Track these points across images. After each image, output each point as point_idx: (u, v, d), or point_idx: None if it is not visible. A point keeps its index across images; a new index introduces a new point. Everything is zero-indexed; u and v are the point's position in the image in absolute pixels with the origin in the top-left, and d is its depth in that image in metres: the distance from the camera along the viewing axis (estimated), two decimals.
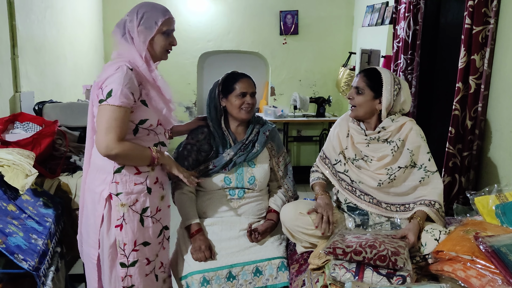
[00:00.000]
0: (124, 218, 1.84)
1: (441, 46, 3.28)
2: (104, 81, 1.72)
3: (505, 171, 2.24)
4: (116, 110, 1.70)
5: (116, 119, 1.70)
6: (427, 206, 1.93)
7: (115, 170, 1.82)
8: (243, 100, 2.20)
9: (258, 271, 2.06)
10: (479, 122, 2.34)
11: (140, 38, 1.79)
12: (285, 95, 5.45)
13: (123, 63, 1.74)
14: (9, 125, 2.65)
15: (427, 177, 1.99)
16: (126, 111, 1.73)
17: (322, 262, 1.76)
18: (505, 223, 1.73)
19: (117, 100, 1.69)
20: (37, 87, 3.28)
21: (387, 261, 1.57)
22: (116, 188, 1.82)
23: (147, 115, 1.82)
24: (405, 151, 2.01)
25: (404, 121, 2.04)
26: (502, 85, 2.27)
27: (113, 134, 1.69)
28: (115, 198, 1.83)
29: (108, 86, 1.70)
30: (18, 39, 2.99)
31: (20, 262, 1.73)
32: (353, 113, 2.10)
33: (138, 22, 1.78)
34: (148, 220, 1.91)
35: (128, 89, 1.71)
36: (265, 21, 5.27)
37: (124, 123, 1.73)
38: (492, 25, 2.25)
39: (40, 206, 2.25)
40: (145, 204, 1.89)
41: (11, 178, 2.08)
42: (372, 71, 2.09)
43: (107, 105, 1.70)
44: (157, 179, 1.93)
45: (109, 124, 1.69)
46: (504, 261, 1.44)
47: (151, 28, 1.79)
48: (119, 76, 1.70)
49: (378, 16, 4.30)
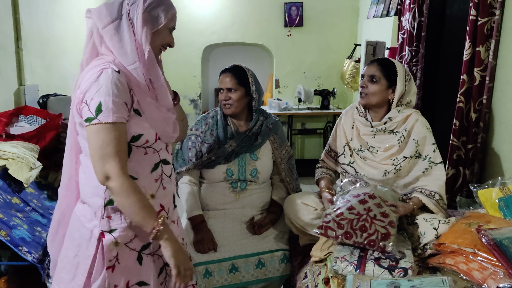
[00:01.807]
0: (118, 258, 1.48)
1: (446, 38, 3.25)
2: (86, 92, 1.35)
3: (510, 163, 2.23)
4: (111, 129, 1.34)
5: (113, 140, 1.34)
6: (426, 196, 1.95)
7: (106, 202, 1.44)
8: (221, 95, 2.23)
9: (261, 263, 2.07)
10: (484, 115, 2.33)
11: (143, 27, 1.40)
12: (289, 88, 5.43)
13: (106, 65, 1.37)
14: (13, 118, 2.67)
15: (430, 168, 2.00)
16: (123, 126, 1.38)
17: (324, 254, 1.76)
18: (508, 216, 1.72)
19: (111, 115, 1.33)
20: (42, 80, 3.29)
21: (376, 246, 1.65)
22: (108, 224, 1.45)
23: (140, 129, 1.43)
24: (411, 141, 2.02)
25: (410, 112, 2.06)
26: (507, 77, 2.25)
27: (114, 161, 1.34)
28: (108, 236, 1.45)
29: (95, 98, 1.33)
30: (22, 32, 3.00)
31: (24, 254, 1.75)
32: (364, 100, 2.08)
33: (146, 6, 1.40)
34: (148, 259, 1.54)
35: (121, 98, 1.36)
36: (270, 13, 5.24)
37: (123, 142, 1.38)
38: (497, 16, 2.23)
39: (45, 198, 2.27)
40: (146, 240, 1.51)
41: (16, 171, 2.10)
42: (386, 61, 2.10)
43: (99, 124, 1.33)
44: (161, 206, 1.55)
45: (105, 149, 1.34)
46: (506, 253, 1.44)
47: (159, 18, 1.43)
48: (105, 84, 1.33)
49: (383, 8, 4.26)
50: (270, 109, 5.11)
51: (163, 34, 1.47)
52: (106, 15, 1.40)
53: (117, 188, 1.35)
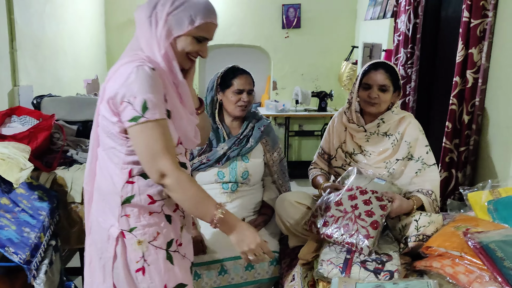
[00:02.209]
0: (145, 259, 1.43)
1: (442, 40, 3.24)
2: (126, 90, 1.31)
3: (502, 166, 2.21)
4: (158, 125, 1.32)
5: (162, 136, 1.33)
6: (424, 195, 1.93)
7: (123, 200, 1.41)
8: (239, 97, 2.19)
9: (250, 265, 2.06)
10: (477, 117, 2.31)
11: (164, 28, 1.36)
12: (287, 89, 5.43)
13: (141, 62, 1.33)
14: (6, 119, 2.66)
15: (423, 169, 1.99)
16: (167, 122, 1.37)
17: (312, 257, 1.75)
18: (497, 219, 1.71)
19: (157, 111, 1.32)
20: (36, 81, 3.29)
21: (354, 248, 1.65)
22: (127, 223, 1.42)
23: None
24: (403, 144, 2.02)
25: (403, 115, 2.06)
26: (500, 79, 2.24)
27: (166, 157, 1.32)
28: (129, 235, 1.42)
29: (138, 96, 1.30)
30: (17, 33, 3.00)
31: (10, 255, 1.74)
32: (375, 109, 2.04)
33: (172, 8, 1.36)
34: (178, 256, 1.50)
35: (160, 94, 1.35)
36: (268, 15, 5.25)
37: (171, 138, 1.38)
38: (490, 18, 2.21)
39: (35, 199, 2.26)
40: (169, 235, 1.48)
41: (5, 172, 2.09)
42: (389, 66, 2.07)
43: (148, 122, 1.30)
44: (176, 206, 1.52)
45: (155, 146, 1.32)
46: (492, 257, 1.42)
47: (182, 24, 1.36)
48: (146, 81, 1.30)
49: (380, 9, 4.26)
50: (267, 110, 5.11)
51: (186, 41, 1.39)
52: (143, 10, 1.39)
53: (174, 184, 1.34)
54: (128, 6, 4.88)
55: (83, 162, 2.69)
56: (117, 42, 5.05)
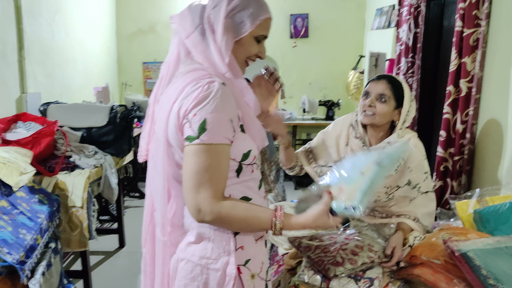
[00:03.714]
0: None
1: (443, 50, 3.24)
2: (189, 106, 1.14)
3: (496, 176, 2.20)
4: (214, 151, 1.14)
5: (214, 165, 1.14)
6: (412, 221, 1.87)
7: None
8: None
9: None
10: (471, 126, 2.30)
11: (225, 34, 1.18)
12: (295, 98, 5.46)
13: (208, 76, 1.17)
14: (12, 125, 2.75)
15: (417, 198, 1.90)
16: (227, 149, 1.17)
17: (296, 262, 1.77)
18: (482, 228, 1.70)
19: (217, 134, 1.13)
20: (45, 88, 3.39)
21: (321, 268, 1.59)
22: (243, 256, 1.24)
23: (248, 144, 1.24)
24: (406, 170, 1.88)
25: (409, 137, 1.90)
26: (493, 88, 2.23)
27: (208, 190, 1.14)
28: (245, 270, 1.23)
29: (198, 115, 1.12)
30: (25, 41, 3.11)
31: (4, 255, 1.80)
32: (369, 120, 1.88)
33: (229, 10, 1.19)
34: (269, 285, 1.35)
35: (228, 115, 1.16)
36: (276, 24, 5.27)
37: (225, 168, 1.17)
38: (483, 27, 2.21)
39: (35, 202, 2.33)
40: (267, 264, 1.33)
41: (5, 175, 2.17)
42: (394, 79, 1.91)
43: (202, 145, 1.13)
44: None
45: (203, 174, 1.13)
46: (469, 265, 1.43)
47: (243, 24, 1.20)
48: (213, 98, 1.13)
49: (385, 19, 4.27)
50: None
51: (247, 43, 1.24)
52: (189, 22, 1.22)
53: (216, 221, 1.16)
54: (139, 16, 4.99)
55: (85, 167, 2.76)
56: (127, 51, 5.17)
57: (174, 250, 1.29)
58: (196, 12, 1.22)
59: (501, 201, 1.77)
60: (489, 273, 1.39)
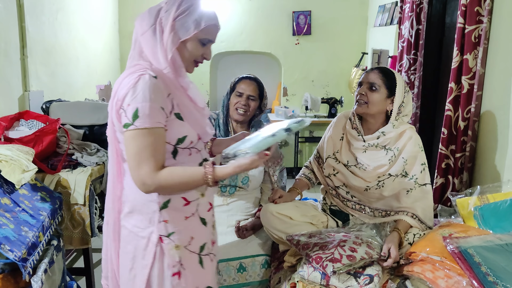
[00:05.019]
0: (182, 263, 1.46)
1: (446, 46, 3.23)
2: (124, 98, 1.36)
3: (498, 173, 2.19)
4: (148, 134, 1.35)
5: (150, 146, 1.35)
6: (411, 218, 1.89)
7: (161, 206, 1.44)
8: (238, 99, 2.25)
9: (242, 268, 2.09)
10: (472, 123, 2.30)
11: (171, 35, 1.39)
12: (297, 96, 5.45)
13: (143, 71, 1.37)
14: (14, 123, 2.76)
15: (415, 189, 1.93)
16: (161, 132, 1.38)
17: (296, 260, 1.77)
18: (482, 225, 1.70)
19: (147, 120, 1.34)
20: (47, 86, 3.40)
21: (320, 264, 1.61)
22: (166, 228, 1.44)
23: (185, 131, 1.44)
24: (400, 160, 1.95)
25: (404, 128, 1.97)
26: (495, 85, 2.22)
27: (147, 166, 1.35)
28: (167, 240, 1.44)
29: (132, 104, 1.34)
30: (28, 40, 3.11)
31: (6, 252, 1.81)
32: (362, 109, 1.97)
33: (177, 15, 1.40)
34: (207, 259, 1.55)
35: (158, 103, 1.36)
36: (278, 22, 5.29)
37: (160, 147, 1.38)
38: (485, 24, 2.21)
39: (37, 200, 2.34)
40: (202, 239, 1.53)
41: (8, 173, 2.18)
42: (386, 69, 2.01)
43: (136, 130, 1.34)
44: (210, 204, 1.58)
45: (141, 154, 1.35)
46: (469, 262, 1.43)
47: (188, 28, 1.40)
48: (142, 89, 1.33)
49: (388, 16, 4.26)
50: (276, 117, 5.14)
51: (192, 45, 1.43)
52: (144, 19, 1.43)
53: (160, 189, 1.38)
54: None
55: (88, 165, 2.77)
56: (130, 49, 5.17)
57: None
58: (152, 14, 1.42)
59: (502, 198, 1.77)
60: (489, 270, 1.39)
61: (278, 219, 1.96)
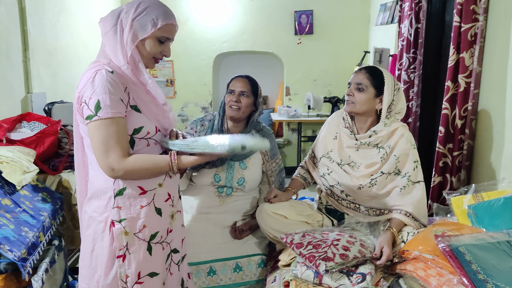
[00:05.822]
0: (128, 248, 1.56)
1: (445, 45, 3.22)
2: (84, 92, 1.45)
3: (495, 171, 2.19)
4: (111, 123, 1.44)
5: (114, 134, 1.44)
6: (404, 215, 1.90)
7: (116, 193, 1.53)
8: (231, 97, 2.26)
9: (238, 267, 2.11)
10: (470, 121, 2.29)
11: (130, 34, 1.49)
12: (300, 95, 5.46)
13: (100, 67, 1.47)
14: (16, 125, 2.80)
15: (408, 187, 1.94)
16: (123, 121, 1.47)
17: (290, 259, 1.78)
18: (476, 223, 1.70)
19: (109, 110, 1.43)
20: (49, 88, 3.43)
21: (313, 263, 1.62)
22: (118, 214, 1.54)
23: (141, 122, 1.53)
24: (392, 157, 1.97)
25: (396, 127, 1.99)
26: (492, 83, 2.22)
27: (115, 153, 1.44)
28: (118, 225, 1.54)
29: (93, 97, 1.43)
30: (30, 42, 3.15)
31: (5, 252, 1.84)
32: (350, 108, 2.01)
33: (135, 15, 1.49)
34: (158, 247, 1.62)
35: (117, 95, 1.45)
36: (280, 21, 5.30)
37: (123, 135, 1.47)
38: (481, 22, 2.20)
39: (38, 201, 2.37)
40: (155, 228, 1.60)
41: (9, 174, 2.21)
42: (374, 69, 2.03)
43: (99, 120, 1.43)
44: (168, 195, 1.64)
45: (107, 142, 1.44)
46: (460, 260, 1.43)
47: (145, 27, 1.49)
48: (100, 83, 1.43)
49: (389, 15, 4.26)
50: (279, 116, 5.15)
51: (151, 43, 1.53)
52: (107, 21, 1.53)
53: (127, 174, 1.48)
54: None
55: None
56: None
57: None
58: (114, 15, 1.52)
59: (497, 196, 1.77)
60: (479, 268, 1.40)
61: (273, 219, 1.97)
